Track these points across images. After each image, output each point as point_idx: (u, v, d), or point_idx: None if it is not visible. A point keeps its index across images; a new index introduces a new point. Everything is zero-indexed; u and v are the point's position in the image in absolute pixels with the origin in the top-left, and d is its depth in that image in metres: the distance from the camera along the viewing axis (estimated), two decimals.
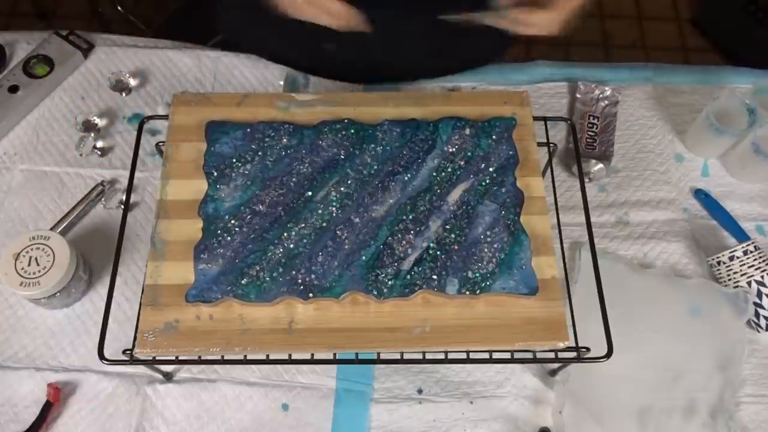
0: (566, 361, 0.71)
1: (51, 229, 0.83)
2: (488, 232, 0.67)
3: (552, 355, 0.70)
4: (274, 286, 0.64)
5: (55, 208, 0.87)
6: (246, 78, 0.97)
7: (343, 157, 0.71)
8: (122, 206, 0.85)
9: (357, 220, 0.67)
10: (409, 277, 0.65)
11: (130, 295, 0.82)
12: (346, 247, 0.66)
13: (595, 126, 0.94)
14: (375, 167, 0.70)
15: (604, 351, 0.64)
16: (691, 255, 0.86)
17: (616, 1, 2.02)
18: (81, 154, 0.91)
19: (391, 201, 0.68)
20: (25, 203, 0.88)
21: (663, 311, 0.80)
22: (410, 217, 0.67)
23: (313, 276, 0.64)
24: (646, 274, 0.84)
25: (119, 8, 1.59)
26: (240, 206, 0.68)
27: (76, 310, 0.81)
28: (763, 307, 0.80)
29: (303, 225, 0.67)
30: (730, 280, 0.82)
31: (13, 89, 0.92)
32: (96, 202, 0.88)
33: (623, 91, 0.98)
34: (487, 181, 0.70)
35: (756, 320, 0.81)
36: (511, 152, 0.71)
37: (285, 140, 0.71)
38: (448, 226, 0.67)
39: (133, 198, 0.88)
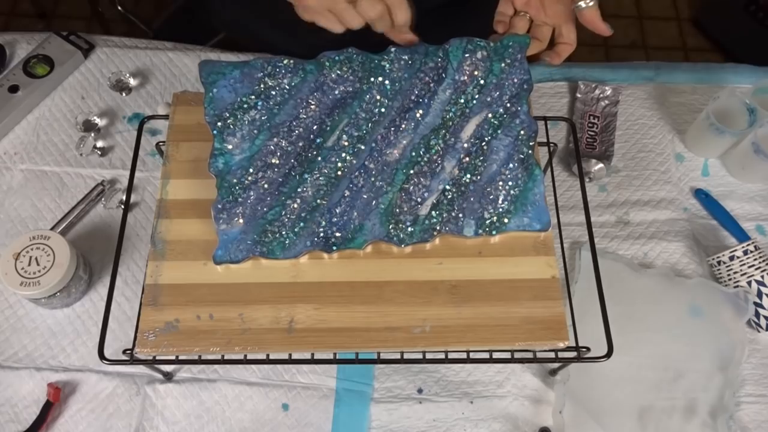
0: (566, 361, 0.71)
1: (51, 229, 0.83)
2: (502, 169, 0.67)
3: (552, 354, 0.70)
4: (298, 241, 0.65)
5: (55, 208, 0.87)
6: None
7: (351, 90, 0.68)
8: (122, 206, 0.85)
9: (371, 165, 0.67)
10: (427, 222, 0.66)
11: (130, 295, 0.82)
12: (364, 195, 0.67)
13: (595, 126, 0.94)
14: (385, 104, 0.68)
15: (604, 351, 0.64)
16: (691, 255, 0.86)
17: (616, 1, 2.02)
18: (81, 154, 0.91)
19: (404, 142, 0.68)
20: (25, 203, 0.88)
21: (663, 311, 0.80)
22: (425, 158, 0.67)
23: (334, 228, 0.66)
24: (646, 274, 0.83)
25: (119, 8, 1.58)
26: (251, 158, 0.67)
27: (76, 310, 0.81)
28: (763, 307, 0.80)
29: (317, 175, 0.67)
30: (730, 279, 0.82)
31: (13, 89, 0.92)
32: (96, 202, 0.88)
33: (623, 91, 0.98)
34: (501, 112, 0.69)
35: (756, 320, 0.81)
36: (525, 77, 0.69)
37: (287, 80, 0.68)
38: (463, 166, 0.68)
39: (133, 198, 0.88)
